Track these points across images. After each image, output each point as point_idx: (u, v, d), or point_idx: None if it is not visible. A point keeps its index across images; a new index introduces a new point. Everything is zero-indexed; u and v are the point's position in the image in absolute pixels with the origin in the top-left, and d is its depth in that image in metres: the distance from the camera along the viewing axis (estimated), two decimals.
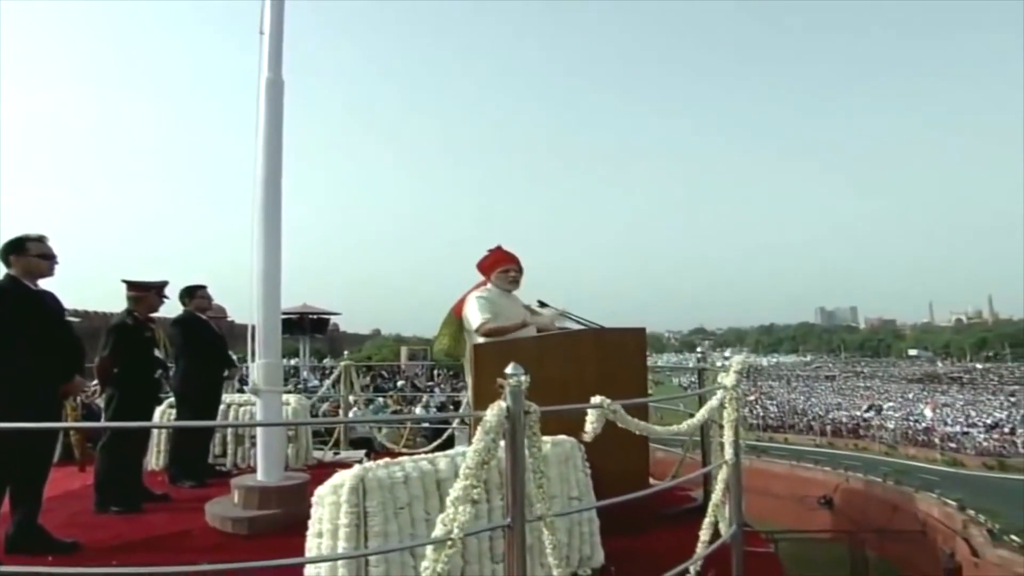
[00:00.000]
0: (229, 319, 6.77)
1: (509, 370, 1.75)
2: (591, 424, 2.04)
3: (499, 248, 4.32)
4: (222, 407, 5.80)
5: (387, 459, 2.43)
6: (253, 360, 3.93)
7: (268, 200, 3.89)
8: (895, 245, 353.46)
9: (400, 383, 19.14)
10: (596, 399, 2.06)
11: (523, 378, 1.74)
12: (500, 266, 4.25)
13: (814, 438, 45.19)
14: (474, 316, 3.94)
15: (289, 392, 7.79)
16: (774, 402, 61.48)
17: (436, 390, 17.88)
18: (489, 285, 4.24)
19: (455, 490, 1.75)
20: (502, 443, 1.79)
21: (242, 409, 5.92)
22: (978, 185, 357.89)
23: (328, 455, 6.66)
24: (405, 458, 2.50)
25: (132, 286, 4.53)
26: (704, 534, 2.63)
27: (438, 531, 1.75)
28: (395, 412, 12.10)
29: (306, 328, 25.87)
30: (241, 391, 7.02)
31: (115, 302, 4.65)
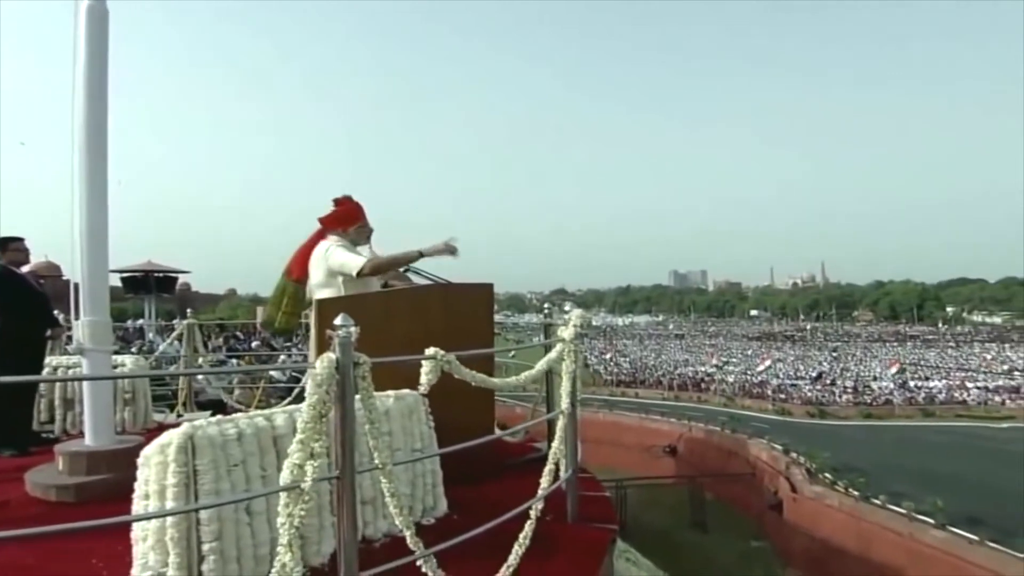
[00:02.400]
0: (65, 278, 6.20)
1: (338, 321, 1.73)
2: (426, 375, 2.06)
3: (356, 201, 4.11)
4: (47, 370, 5.34)
5: (220, 416, 2.35)
6: (78, 318, 3.63)
7: (91, 142, 3.52)
8: (743, 215, 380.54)
9: (255, 344, 18.39)
10: (430, 351, 2.08)
11: (352, 329, 1.73)
12: (360, 221, 4.02)
13: (662, 392, 48.07)
14: (354, 259, 3.66)
15: (123, 352, 7.29)
16: (627, 359, 64.68)
17: (294, 350, 17.33)
18: (338, 238, 3.90)
19: (293, 444, 1.72)
20: None
21: (71, 372, 5.48)
22: (817, 165, 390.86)
23: (171, 418, 6.34)
24: (240, 415, 2.43)
25: None
26: (545, 480, 2.74)
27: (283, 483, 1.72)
28: (247, 373, 11.59)
29: (151, 287, 24.21)
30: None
31: None
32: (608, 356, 66.23)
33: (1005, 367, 53.48)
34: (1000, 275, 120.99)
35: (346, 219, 4.00)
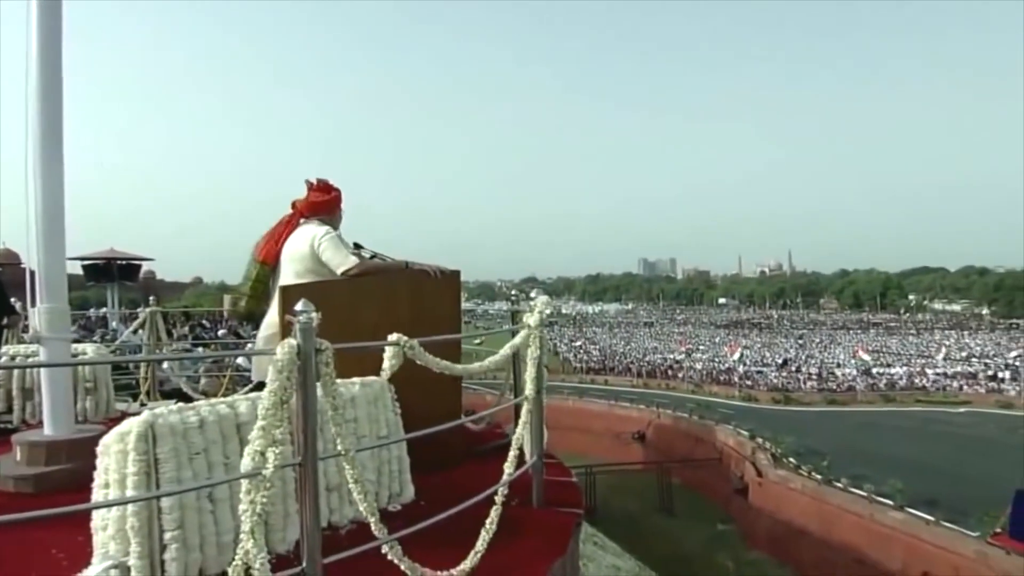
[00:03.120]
0: (23, 265, 6.08)
1: (299, 307, 1.72)
2: (389, 361, 2.06)
3: (338, 188, 4.00)
4: (4, 359, 5.22)
5: (182, 404, 2.33)
6: (35, 306, 3.56)
7: (46, 125, 3.44)
8: (712, 203, 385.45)
9: (222, 332, 18.13)
10: (393, 337, 2.08)
11: (314, 315, 1.72)
12: (341, 208, 3.93)
13: (631, 379, 48.51)
14: (344, 258, 3.53)
15: (86, 341, 7.15)
16: (597, 347, 65.15)
17: None
18: (326, 227, 3.74)
19: (254, 431, 1.72)
20: None
21: (29, 361, 5.36)
22: (785, 155, 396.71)
23: (134, 407, 6.23)
24: (202, 402, 2.41)
25: None
26: (509, 466, 2.76)
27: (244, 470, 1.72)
28: (215, 362, 11.43)
29: (114, 275, 23.70)
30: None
31: None
32: (578, 344, 66.69)
33: (963, 354, 54.94)
34: (960, 264, 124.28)
35: (335, 206, 3.91)
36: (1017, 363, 45.95)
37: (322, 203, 3.86)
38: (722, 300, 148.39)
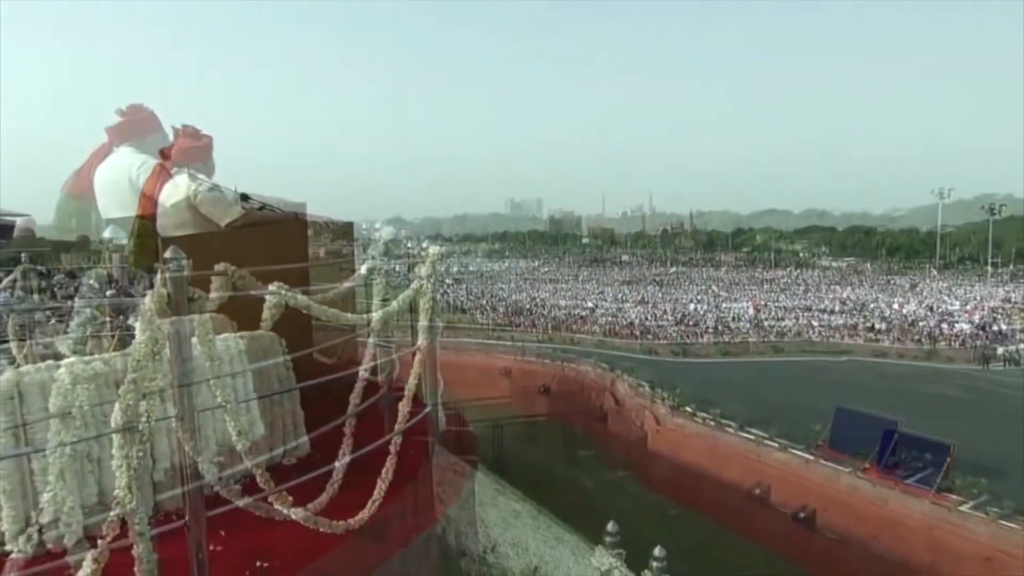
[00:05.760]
0: None
1: (168, 255, 1.64)
2: (268, 311, 2.02)
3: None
4: None
5: (51, 361, 2.22)
6: None
7: None
8: (577, 145, 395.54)
9: (110, 293, 17.14)
10: (273, 286, 2.03)
11: (184, 263, 1.65)
12: (212, 154, 3.75)
13: (537, 334, 49.24)
14: (227, 209, 3.37)
15: None
16: (503, 303, 65.64)
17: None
18: (201, 175, 3.59)
19: (125, 385, 1.66)
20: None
21: None
22: (645, 98, 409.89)
23: (9, 373, 5.85)
24: (74, 359, 2.30)
25: None
26: (402, 414, 2.79)
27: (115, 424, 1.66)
28: (105, 323, 10.77)
29: None
30: None
31: None
32: (484, 300, 66.97)
33: (847, 307, 58.67)
34: (803, 208, 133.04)
35: (207, 153, 3.71)
36: (892, 315, 49.57)
37: (193, 150, 3.68)
38: (585, 240, 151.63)
